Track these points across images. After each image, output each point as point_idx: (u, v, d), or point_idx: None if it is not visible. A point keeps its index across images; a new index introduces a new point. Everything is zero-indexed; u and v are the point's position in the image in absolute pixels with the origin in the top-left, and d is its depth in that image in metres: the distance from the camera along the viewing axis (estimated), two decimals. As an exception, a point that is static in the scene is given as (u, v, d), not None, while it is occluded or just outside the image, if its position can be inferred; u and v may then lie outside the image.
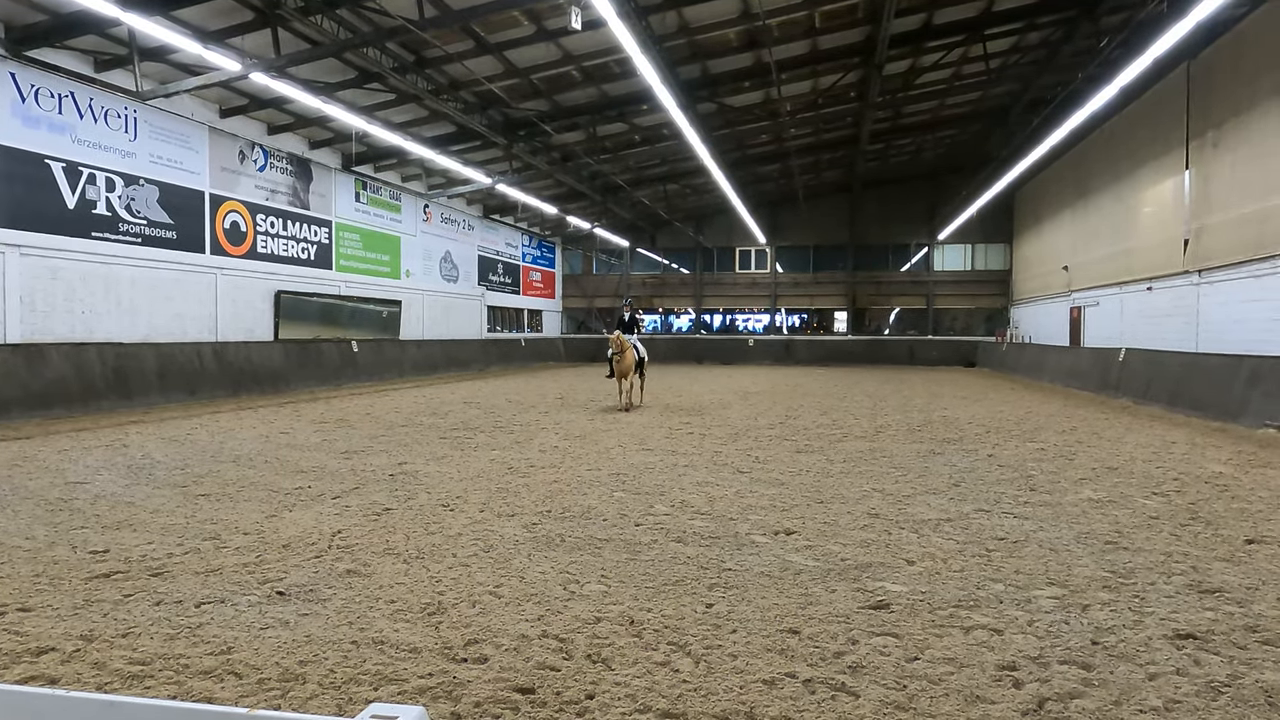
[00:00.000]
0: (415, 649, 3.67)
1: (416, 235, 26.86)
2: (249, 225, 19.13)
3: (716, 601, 4.30)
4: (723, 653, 3.62)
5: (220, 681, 3.35)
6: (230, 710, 2.61)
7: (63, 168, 14.39)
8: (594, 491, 7.28)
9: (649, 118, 22.00)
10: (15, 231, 13.51)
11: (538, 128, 21.52)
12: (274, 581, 4.66)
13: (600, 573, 4.83)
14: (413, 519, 6.22)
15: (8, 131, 13.39)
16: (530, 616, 4.09)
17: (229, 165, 18.47)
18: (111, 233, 15.39)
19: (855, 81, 20.95)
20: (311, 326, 21.14)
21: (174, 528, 5.94)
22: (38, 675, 3.41)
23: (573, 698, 3.18)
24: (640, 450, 9.86)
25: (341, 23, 13.86)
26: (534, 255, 37.36)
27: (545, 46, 17.07)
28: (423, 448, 10.00)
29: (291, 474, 8.16)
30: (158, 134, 16.41)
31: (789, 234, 38.29)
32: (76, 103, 14.60)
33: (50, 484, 7.51)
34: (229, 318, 18.42)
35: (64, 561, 5.07)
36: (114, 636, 3.83)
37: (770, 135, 26.42)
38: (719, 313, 41.14)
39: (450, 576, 4.76)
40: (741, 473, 8.27)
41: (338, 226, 22.61)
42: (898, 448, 10.14)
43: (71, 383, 13.57)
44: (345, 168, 22.68)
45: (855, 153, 28.62)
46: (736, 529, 5.90)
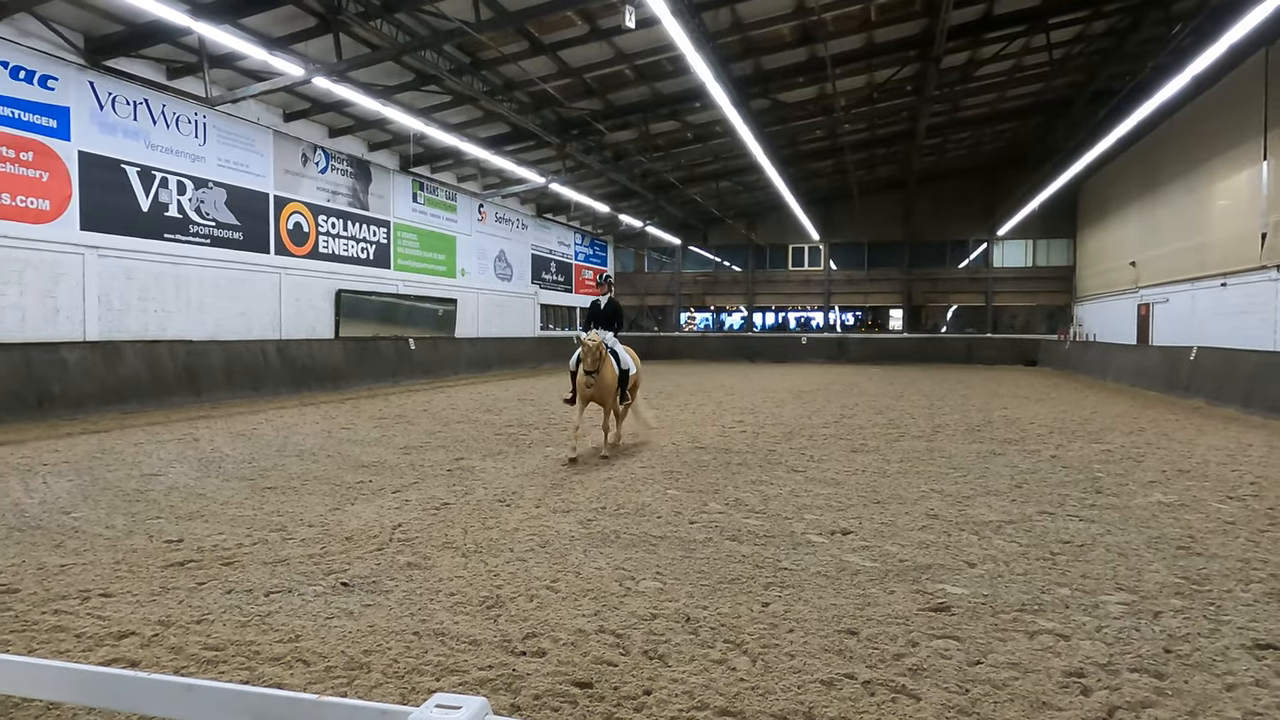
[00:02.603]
0: (475, 641, 3.74)
1: (471, 235, 27.25)
2: (311, 226, 19.65)
3: (773, 600, 4.28)
4: (780, 652, 3.60)
5: (289, 668, 3.46)
6: (300, 696, 2.69)
7: (137, 172, 14.98)
8: (648, 489, 7.30)
9: (701, 115, 21.92)
10: (94, 234, 14.11)
11: (590, 127, 21.64)
12: (338, 573, 4.79)
13: (655, 570, 4.85)
14: (470, 514, 6.32)
15: (87, 138, 13.99)
16: (587, 612, 4.12)
17: (292, 168, 18.99)
18: (182, 234, 15.97)
19: (912, 75, 20.57)
20: (370, 324, 21.63)
21: (243, 519, 6.15)
22: (119, 658, 3.56)
23: (630, 693, 3.20)
24: (694, 448, 9.85)
25: (400, 27, 14.13)
26: (586, 254, 37.59)
27: (598, 46, 17.14)
28: (479, 444, 10.15)
29: (353, 468, 8.37)
30: (225, 138, 16.96)
31: (843, 230, 37.78)
32: (150, 109, 15.18)
33: (127, 476, 7.83)
34: (292, 316, 18.94)
35: (141, 550, 5.28)
36: (189, 623, 3.98)
37: (824, 131, 26.10)
38: (771, 311, 40.82)
39: (508, 571, 4.83)
40: (796, 471, 8.20)
41: (396, 226, 23.07)
42: (956, 448, 9.94)
43: (145, 378, 14.12)
44: (403, 169, 23.12)
45: (911, 147, 28.11)
46: (792, 528, 5.86)
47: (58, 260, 13.56)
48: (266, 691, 2.67)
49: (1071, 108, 24.42)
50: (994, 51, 19.39)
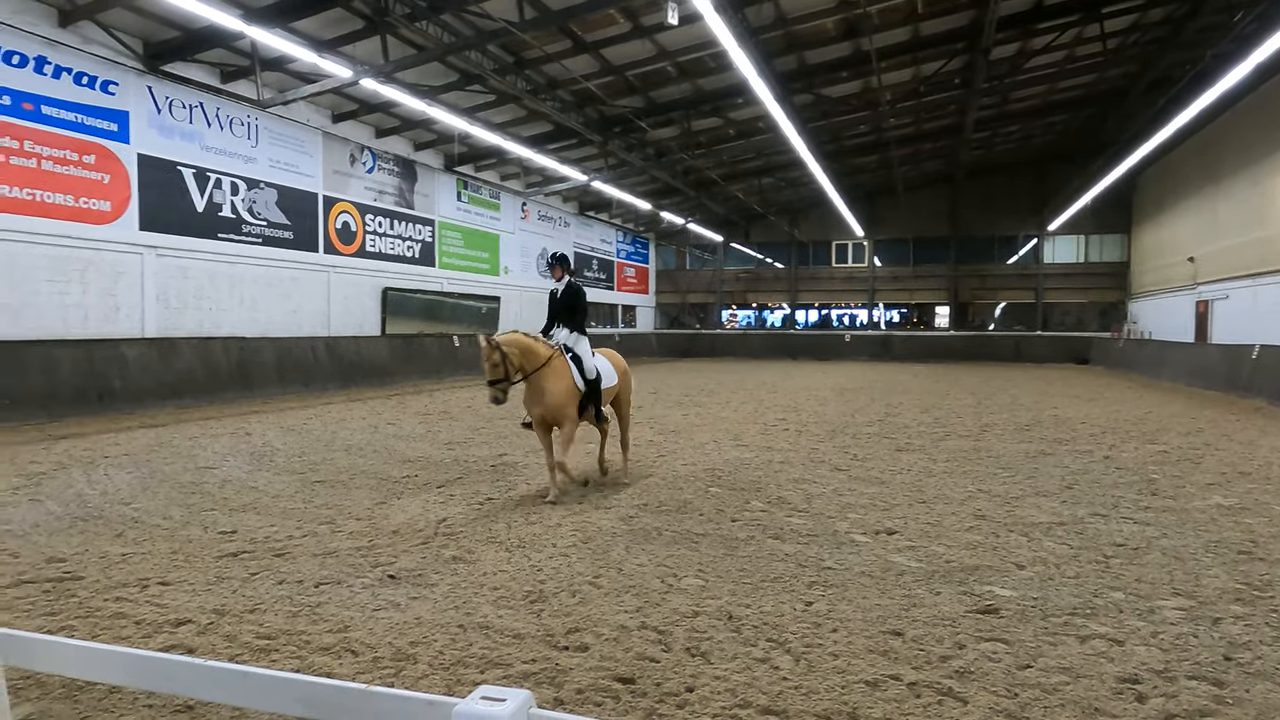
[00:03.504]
0: (519, 635, 3.78)
1: (515, 233, 27.48)
2: (359, 225, 20.00)
3: (816, 600, 4.25)
4: (823, 651, 3.57)
5: (339, 658, 3.53)
6: (349, 685, 2.75)
7: (193, 174, 15.41)
8: (689, 486, 7.30)
9: (744, 111, 21.80)
10: (152, 234, 14.56)
11: (633, 124, 21.66)
12: (385, 565, 4.88)
13: (697, 567, 4.85)
14: (513, 509, 6.39)
15: (145, 141, 14.43)
16: (629, 608, 4.14)
17: (340, 168, 19.35)
18: (235, 234, 16.39)
19: (959, 68, 20.17)
20: (415, 322, 21.95)
21: (293, 511, 6.29)
22: (177, 644, 3.67)
23: (673, 689, 3.21)
24: (735, 446, 9.81)
25: (445, 27, 14.30)
26: (628, 251, 37.65)
27: (641, 43, 17.15)
28: (521, 440, 10.23)
29: (399, 463, 8.50)
30: (276, 140, 17.35)
31: (887, 226, 37.23)
32: (205, 112, 15.60)
33: (183, 468, 8.07)
34: (340, 314, 19.31)
35: (197, 540, 5.44)
36: (243, 611, 4.09)
37: (869, 125, 25.77)
38: (814, 308, 40.44)
39: (550, 566, 4.87)
40: (840, 470, 8.12)
41: (440, 225, 23.37)
42: (1004, 447, 9.74)
43: (199, 374, 14.54)
44: (447, 168, 23.40)
45: (958, 141, 27.59)
46: (835, 527, 5.81)
47: (118, 260, 14.01)
48: (317, 680, 2.74)
49: (1126, 99, 23.72)
50: (1045, 42, 18.93)
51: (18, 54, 12.33)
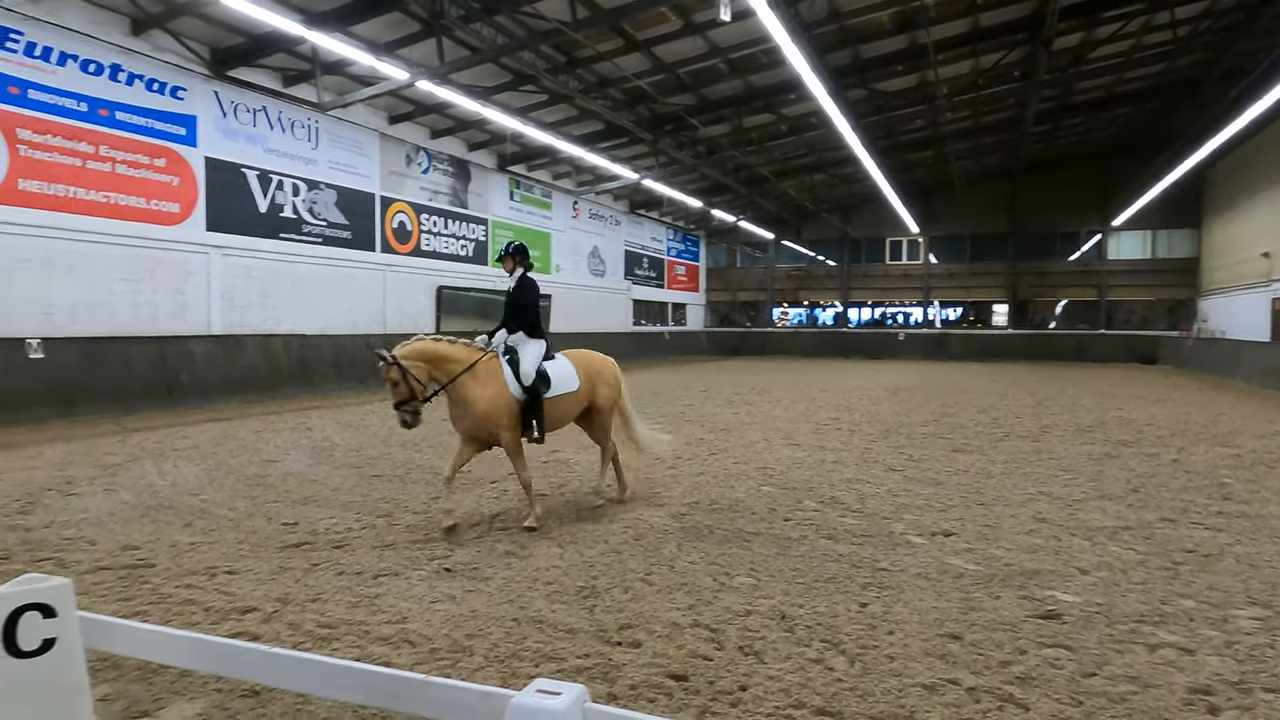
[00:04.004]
0: (572, 630, 3.81)
1: (566, 231, 27.67)
2: (414, 224, 20.37)
3: (871, 601, 4.20)
4: (879, 653, 3.53)
5: (397, 648, 3.61)
6: (409, 675, 2.80)
7: (256, 175, 15.87)
8: (741, 485, 7.26)
9: (796, 107, 21.57)
10: (218, 234, 15.04)
11: (684, 122, 21.61)
12: (441, 559, 4.96)
13: (749, 566, 4.82)
14: (565, 505, 6.44)
15: (212, 144, 14.91)
16: (681, 605, 4.14)
17: (396, 169, 19.72)
18: (296, 234, 16.83)
19: (1020, 59, 19.64)
20: (469, 319, 22.24)
21: (352, 505, 6.45)
22: (243, 631, 3.80)
23: (726, 688, 3.20)
24: (787, 445, 9.73)
25: (499, 29, 14.46)
26: (678, 249, 37.60)
27: (692, 40, 17.10)
28: (571, 437, 10.27)
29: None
30: (335, 141, 17.77)
31: (943, 223, 36.45)
32: (268, 115, 16.05)
33: (248, 461, 8.33)
34: (395, 312, 19.68)
35: (261, 531, 5.61)
36: (305, 601, 4.21)
37: (924, 120, 25.27)
38: (867, 306, 39.84)
39: (603, 562, 4.90)
40: (894, 471, 8.00)
41: (493, 224, 23.66)
42: (1066, 449, 9.47)
43: (262, 370, 15.00)
44: (500, 168, 23.67)
45: (1018, 135, 26.87)
46: (890, 528, 5.72)
47: (186, 259, 14.50)
48: (377, 669, 2.81)
49: (1197, 89, 22.82)
50: (1111, 31, 18.31)
51: (94, 62, 12.85)
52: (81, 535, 5.48)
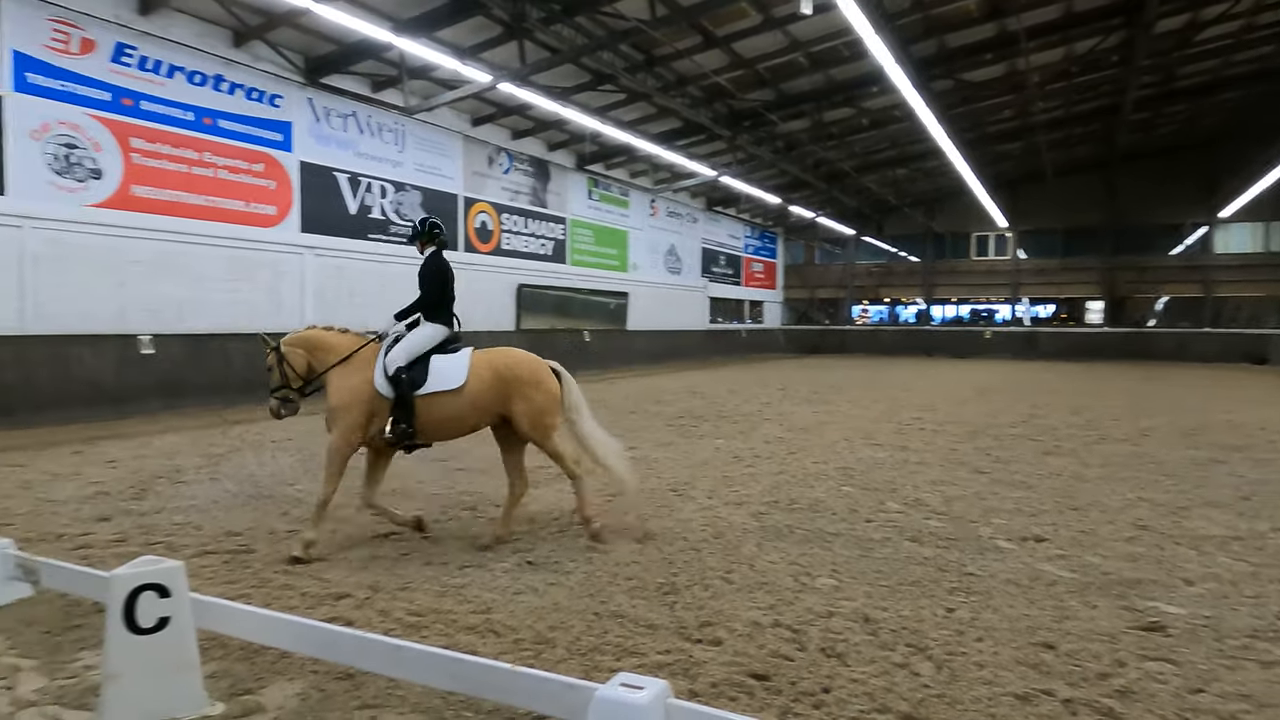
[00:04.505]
0: (652, 625, 3.83)
1: (643, 229, 27.78)
2: (495, 224, 20.80)
3: (958, 606, 4.09)
4: (967, 660, 3.43)
5: (483, 638, 3.70)
6: (496, 664, 2.87)
7: (347, 178, 16.49)
8: (821, 485, 7.16)
9: (878, 100, 21.11)
10: (311, 235, 15.69)
11: (762, 117, 21.42)
12: (523, 552, 5.06)
13: (831, 567, 4.76)
14: (644, 501, 6.47)
15: (306, 149, 15.56)
16: (762, 605, 4.12)
17: (479, 169, 20.17)
18: (384, 234, 17.40)
19: (1117, 44, 18.73)
20: (548, 317, 22.60)
21: (437, 497, 6.64)
22: (337, 616, 3.95)
23: (808, 689, 3.17)
24: (868, 445, 9.55)
25: (579, 29, 14.62)
26: (756, 246, 37.27)
27: (772, 35, 16.94)
28: (650, 434, 10.35)
29: (533, 453, 8.76)
30: (421, 144, 18.29)
31: (1033, 217, 35.02)
32: (358, 120, 16.65)
33: (339, 454, 8.64)
34: (477, 310, 20.10)
35: (352, 521, 5.84)
36: (395, 589, 4.35)
37: (1013, 110, 24.41)
38: (951, 303, 38.69)
39: (682, 559, 4.91)
40: (981, 473, 7.75)
41: (572, 223, 23.94)
42: (1168, 453, 9.00)
43: (352, 366, 15.55)
44: (579, 167, 23.93)
45: (1114, 124, 25.64)
46: (978, 532, 5.55)
47: (281, 259, 15.17)
48: (465, 657, 2.89)
49: (1316, 70, 21.34)
50: (1219, 12, 17.28)
51: (200, 73, 13.55)
52: (189, 521, 5.80)
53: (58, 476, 7.30)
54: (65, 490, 6.80)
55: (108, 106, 12.33)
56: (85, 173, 12.11)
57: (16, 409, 10.74)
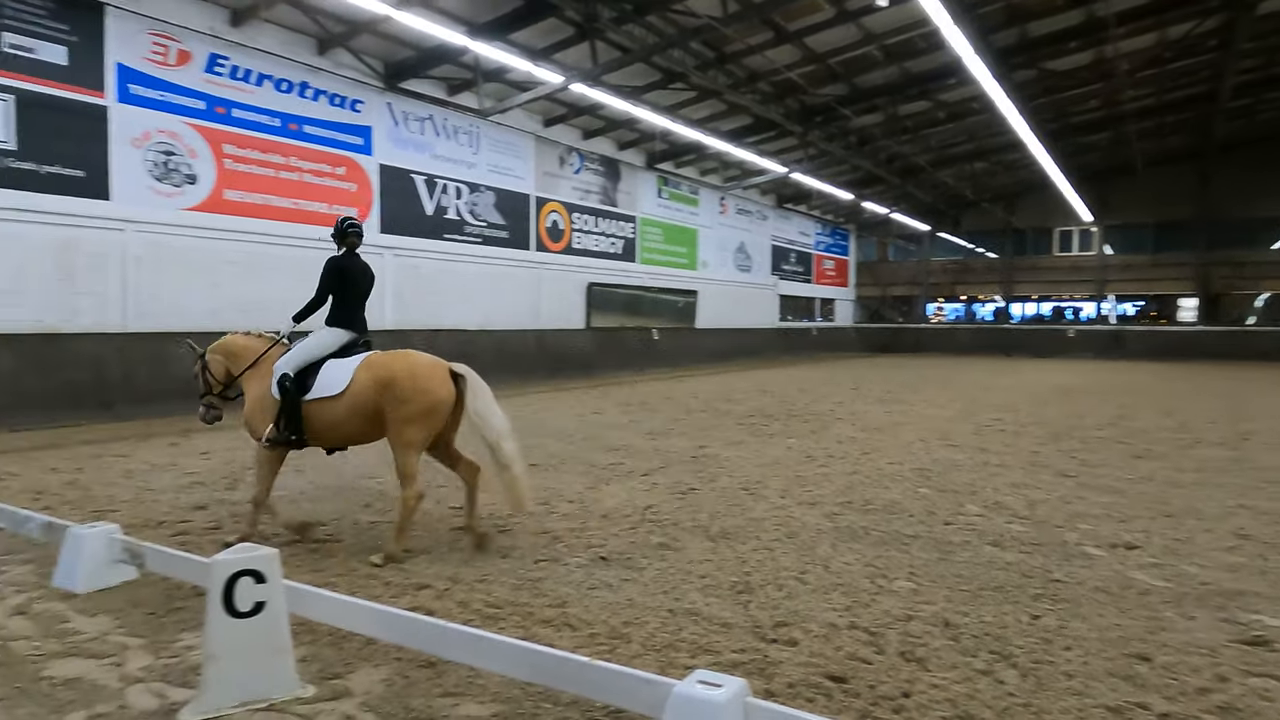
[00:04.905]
0: (727, 624, 3.82)
1: (712, 227, 27.68)
2: (566, 223, 21.04)
3: (1044, 614, 3.95)
4: (1055, 669, 3.32)
5: (558, 631, 3.75)
6: (574, 657, 2.91)
7: (424, 180, 16.92)
8: (897, 486, 7.03)
9: (956, 92, 20.56)
10: (391, 236, 16.16)
11: (835, 112, 21.08)
12: (597, 547, 5.11)
13: (909, 570, 4.66)
14: (716, 500, 6.46)
15: (385, 152, 16.03)
16: (838, 606, 4.06)
17: (550, 170, 20.43)
18: (458, 234, 17.80)
19: (1216, 27, 17.78)
20: (617, 315, 22.74)
21: (512, 492, 6.74)
22: (418, 606, 4.05)
23: (887, 693, 3.12)
24: (945, 446, 9.31)
25: (650, 28, 14.67)
26: (827, 243, 36.72)
27: (845, 29, 16.67)
28: (720, 433, 10.32)
29: (604, 450, 8.86)
30: (494, 146, 18.63)
31: (1121, 210, 33.49)
32: (434, 123, 17.07)
33: (417, 448, 8.88)
34: (548, 308, 20.41)
35: (431, 513, 5.99)
36: (473, 581, 4.45)
37: (1100, 99, 23.41)
38: (1031, 300, 37.36)
39: (755, 558, 4.88)
40: (1066, 476, 7.48)
41: (641, 222, 24.03)
42: (1272, 459, 8.51)
43: (427, 363, 15.99)
44: (649, 165, 23.99)
45: (1211, 111, 24.35)
46: (1063, 537, 5.36)
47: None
48: (544, 649, 2.95)
49: None
50: (1330, -10, 16.24)
51: (286, 81, 14.10)
52: (279, 511, 6.03)
53: (156, 466, 7.71)
54: (164, 479, 7.17)
55: (202, 115, 12.94)
56: (181, 178, 12.74)
57: (118, 402, 11.39)
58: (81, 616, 3.90)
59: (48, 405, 10.70)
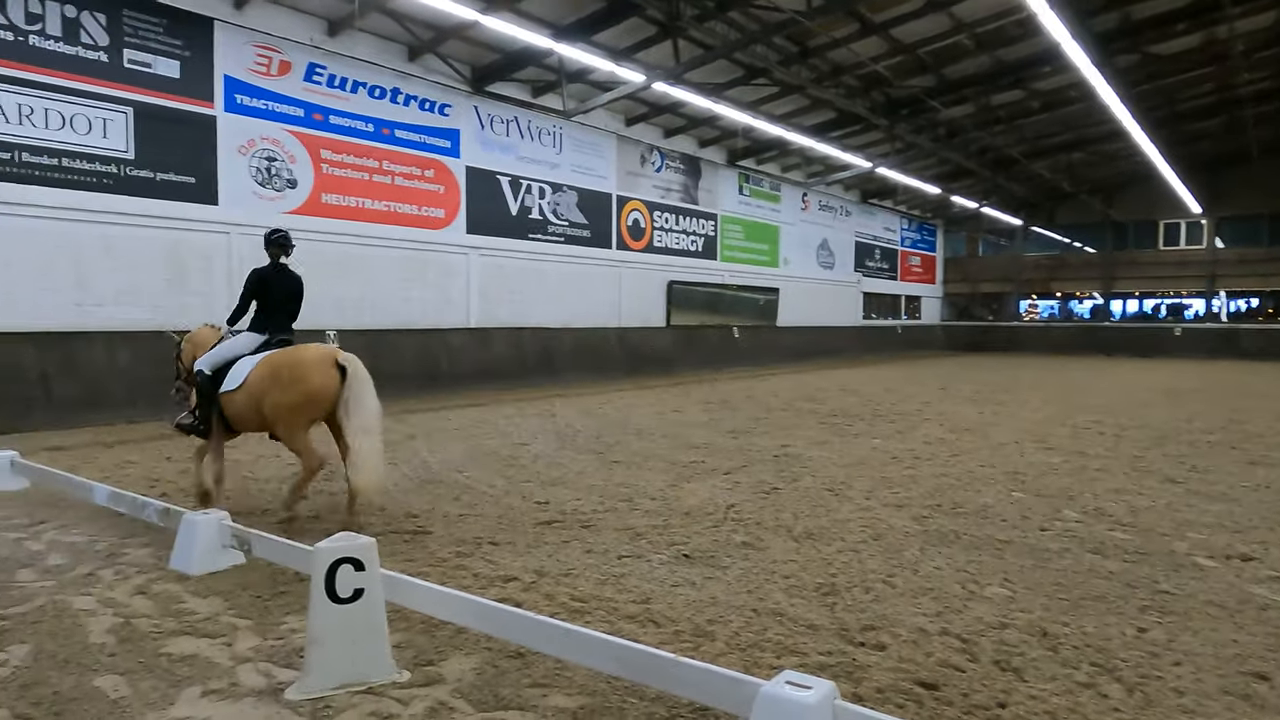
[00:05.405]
0: (813, 626, 3.78)
1: (794, 224, 27.32)
2: (647, 222, 21.12)
3: (1151, 627, 3.77)
4: (1164, 686, 3.16)
5: (643, 627, 3.78)
6: (661, 653, 2.92)
7: (508, 181, 17.27)
8: (989, 489, 6.80)
9: (1052, 81, 19.73)
10: (476, 236, 16.55)
11: (922, 105, 20.51)
12: (679, 545, 5.12)
13: (1002, 576, 4.51)
14: (799, 500, 6.38)
15: (472, 154, 16.43)
16: (928, 611, 3.96)
17: (631, 168, 20.54)
18: (542, 234, 18.09)
19: (1345, 2, 16.53)
20: (697, 313, 22.70)
21: (595, 488, 6.83)
22: (506, 598, 4.14)
23: (982, 703, 3.03)
24: (1040, 449, 8.96)
25: (732, 24, 14.58)
26: (913, 239, 35.74)
27: (934, 18, 16.19)
28: (802, 432, 10.19)
29: (686, 448, 8.87)
30: (577, 146, 18.86)
31: (1233, 201, 31.44)
32: (519, 125, 17.39)
33: (502, 444, 9.09)
34: (629, 306, 20.54)
35: (517, 508, 6.11)
36: (558, 575, 4.53)
37: (1213, 84, 22.05)
38: (1133, 297, 35.51)
39: (841, 560, 4.81)
40: (1174, 483, 7.09)
41: (722, 219, 23.92)
42: (1407, 468, 7.87)
43: (510, 360, 16.34)
44: (730, 163, 23.85)
45: (1339, 93, 22.64)
46: (1171, 547, 5.09)
47: (449, 259, 16.10)
48: (632, 644, 2.97)
49: None
50: None
51: (379, 87, 14.62)
52: (372, 502, 6.27)
53: (261, 457, 8.11)
54: (268, 470, 7.54)
55: (301, 122, 13.54)
56: (283, 183, 13.35)
57: (225, 396, 12.02)
58: (195, 597, 4.14)
59: (162, 399, 11.37)
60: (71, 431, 9.57)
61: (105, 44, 11.23)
